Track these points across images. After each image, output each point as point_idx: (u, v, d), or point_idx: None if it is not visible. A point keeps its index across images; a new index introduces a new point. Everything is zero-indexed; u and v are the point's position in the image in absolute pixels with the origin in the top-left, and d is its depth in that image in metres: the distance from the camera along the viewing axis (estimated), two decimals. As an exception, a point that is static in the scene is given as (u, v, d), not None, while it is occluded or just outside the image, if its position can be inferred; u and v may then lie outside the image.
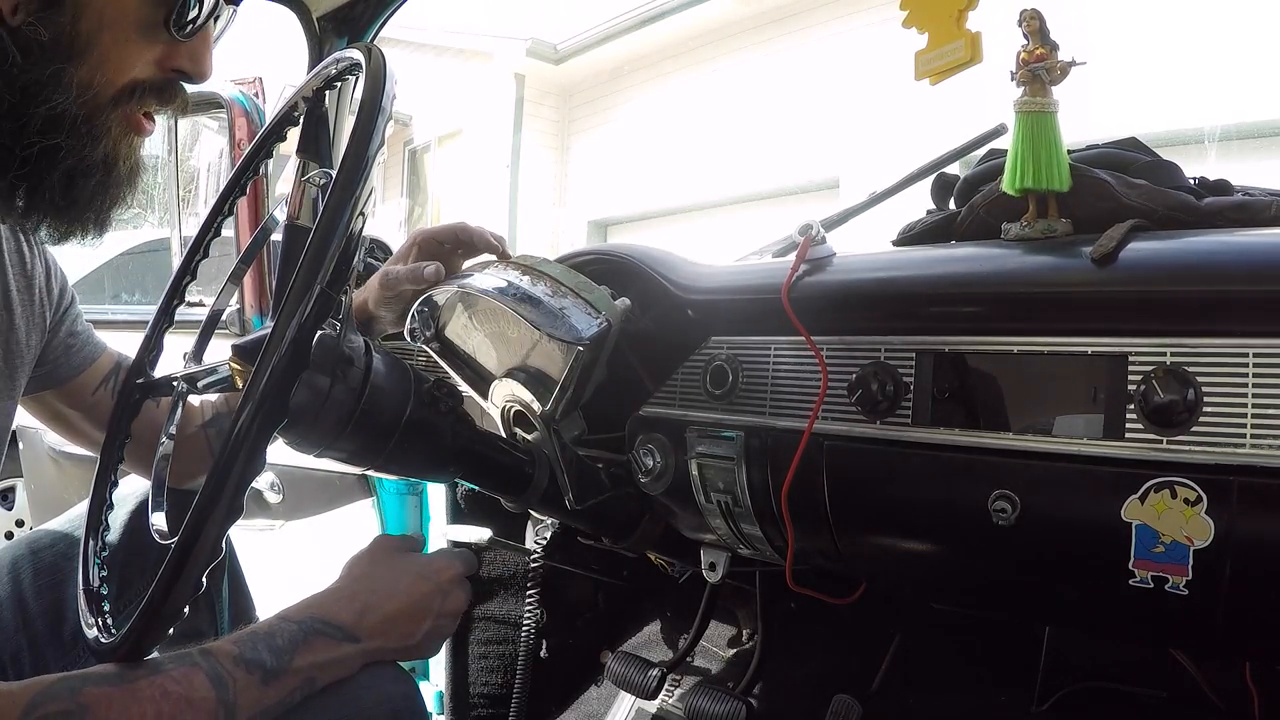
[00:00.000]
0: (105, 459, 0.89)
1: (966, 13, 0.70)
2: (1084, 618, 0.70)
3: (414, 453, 0.78)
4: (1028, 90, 0.70)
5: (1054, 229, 0.71)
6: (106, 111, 0.74)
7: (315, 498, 1.71)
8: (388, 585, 0.81)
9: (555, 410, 0.84)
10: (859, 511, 0.74)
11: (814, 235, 0.78)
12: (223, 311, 0.98)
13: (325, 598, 0.80)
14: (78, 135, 0.72)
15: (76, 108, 0.71)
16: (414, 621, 0.81)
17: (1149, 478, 0.57)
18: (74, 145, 0.73)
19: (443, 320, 0.95)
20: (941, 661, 1.11)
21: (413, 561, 0.86)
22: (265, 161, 0.92)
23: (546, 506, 0.91)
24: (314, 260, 0.60)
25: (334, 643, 0.75)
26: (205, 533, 0.59)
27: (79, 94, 0.71)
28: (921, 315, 0.71)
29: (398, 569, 0.84)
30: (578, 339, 0.78)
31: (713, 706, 0.94)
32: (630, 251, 0.93)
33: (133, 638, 0.64)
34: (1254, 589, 0.56)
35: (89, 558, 0.80)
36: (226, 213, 0.94)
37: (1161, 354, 0.58)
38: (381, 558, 0.85)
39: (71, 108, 0.71)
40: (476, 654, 1.41)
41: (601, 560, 1.29)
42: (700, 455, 0.81)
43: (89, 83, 0.71)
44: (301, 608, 0.77)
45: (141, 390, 0.92)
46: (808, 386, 0.74)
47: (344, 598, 0.80)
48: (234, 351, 0.80)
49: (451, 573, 0.86)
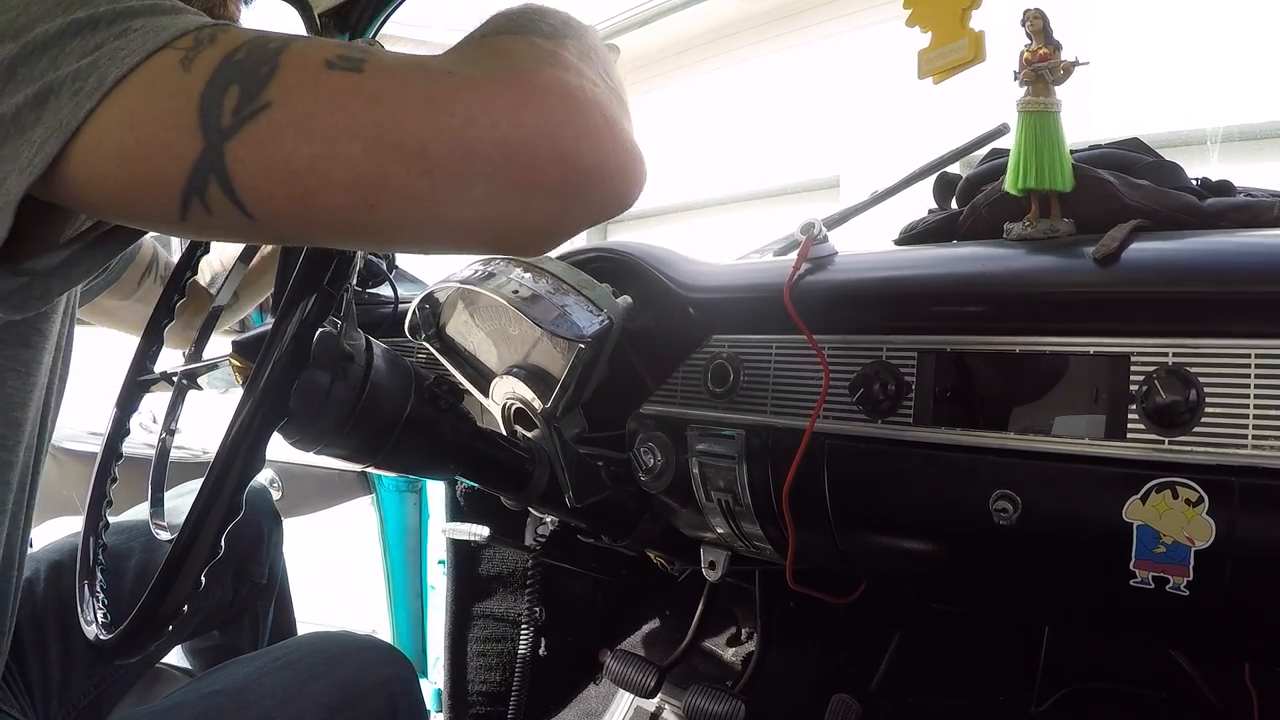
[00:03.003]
0: (105, 458, 0.89)
1: (970, 12, 0.69)
2: (1084, 618, 0.70)
3: (414, 450, 0.78)
4: (1031, 90, 0.70)
5: (1056, 229, 0.71)
6: (216, 5, 0.75)
7: (315, 494, 1.70)
8: None
9: (556, 408, 0.84)
10: (860, 511, 0.74)
11: (816, 234, 0.78)
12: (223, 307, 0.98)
13: None
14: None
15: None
16: None
17: (1150, 478, 0.57)
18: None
19: (444, 317, 0.95)
20: (941, 661, 1.11)
21: None
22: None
23: (546, 504, 0.91)
24: (315, 257, 0.60)
25: None
26: (204, 531, 0.59)
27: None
28: (923, 315, 0.71)
29: None
30: (579, 336, 0.78)
31: (711, 705, 0.94)
32: (632, 249, 0.93)
33: (131, 637, 0.64)
34: (1255, 590, 0.56)
35: (89, 556, 0.80)
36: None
37: (1163, 354, 0.58)
38: None
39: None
40: (475, 652, 1.41)
41: (601, 558, 1.29)
42: (701, 454, 0.81)
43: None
44: None
45: (141, 386, 0.92)
46: (809, 385, 0.74)
47: None
48: (234, 348, 0.80)
49: None
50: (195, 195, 0.43)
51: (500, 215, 0.45)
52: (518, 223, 0.46)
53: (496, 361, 0.92)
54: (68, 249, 0.56)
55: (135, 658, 0.66)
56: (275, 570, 1.25)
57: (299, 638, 0.92)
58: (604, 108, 0.46)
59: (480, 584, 1.42)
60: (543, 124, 0.44)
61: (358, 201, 0.43)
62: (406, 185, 0.43)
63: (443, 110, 0.42)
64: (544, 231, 0.47)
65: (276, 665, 0.81)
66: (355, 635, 0.90)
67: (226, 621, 1.20)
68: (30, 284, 0.54)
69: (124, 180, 0.44)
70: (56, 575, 1.00)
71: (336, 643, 0.87)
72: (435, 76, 0.44)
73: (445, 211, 0.44)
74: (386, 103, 0.42)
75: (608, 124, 0.46)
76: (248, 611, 1.20)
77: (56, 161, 0.44)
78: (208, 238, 0.76)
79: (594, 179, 0.45)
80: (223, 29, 0.46)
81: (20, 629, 0.94)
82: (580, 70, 0.47)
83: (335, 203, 0.43)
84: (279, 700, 0.76)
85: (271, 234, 0.47)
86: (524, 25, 0.50)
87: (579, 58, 0.49)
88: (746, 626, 1.28)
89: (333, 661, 0.83)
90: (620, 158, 0.46)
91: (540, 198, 0.45)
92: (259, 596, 1.21)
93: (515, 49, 0.47)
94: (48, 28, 0.44)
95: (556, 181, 0.44)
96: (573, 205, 0.46)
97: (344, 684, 0.79)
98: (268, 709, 0.75)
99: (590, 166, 0.45)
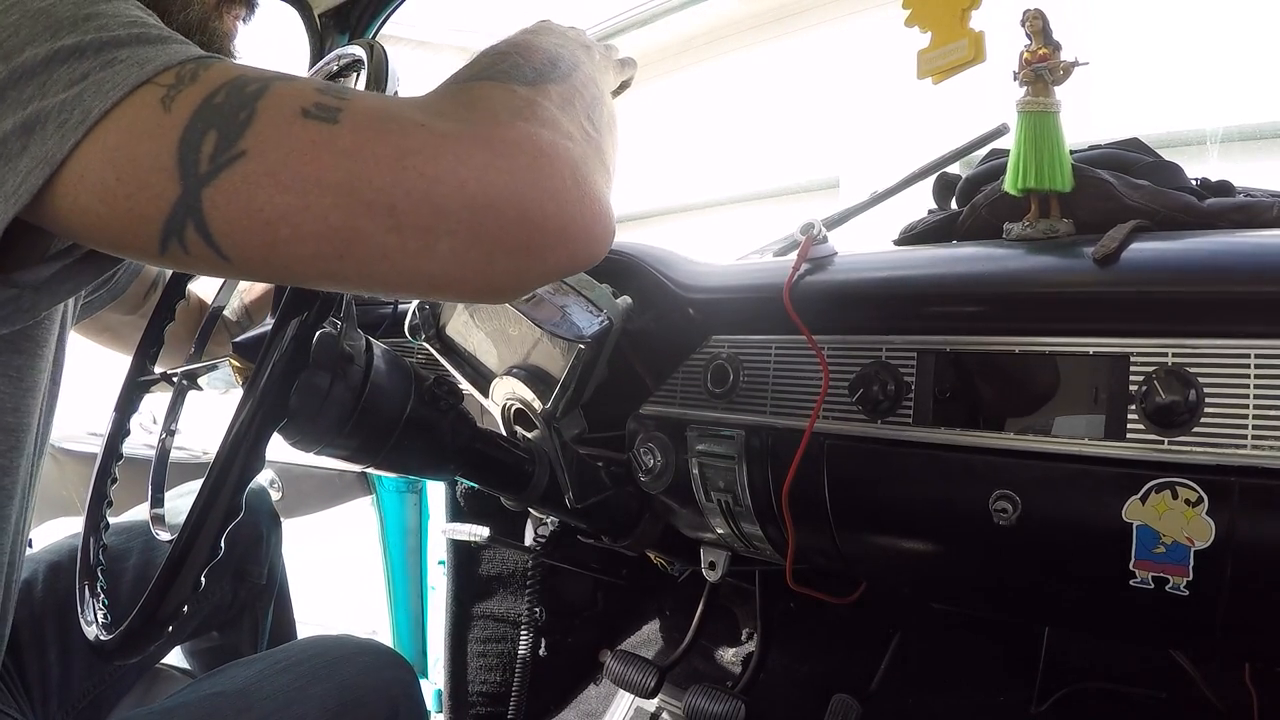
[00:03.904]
0: (105, 458, 0.89)
1: (969, 12, 0.69)
2: (1084, 618, 0.70)
3: (414, 450, 0.78)
4: (1030, 90, 0.70)
5: (1056, 229, 0.71)
6: (212, 17, 0.75)
7: (315, 495, 1.71)
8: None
9: (556, 408, 0.84)
10: (859, 511, 0.74)
11: (815, 234, 0.78)
12: (223, 308, 0.98)
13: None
14: (201, 39, 0.74)
15: (200, 12, 0.72)
16: None
17: (1150, 478, 0.57)
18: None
19: (443, 318, 0.95)
20: (941, 661, 1.11)
21: None
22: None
23: (546, 505, 0.91)
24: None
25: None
26: (205, 531, 0.59)
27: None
28: (923, 315, 0.71)
29: None
30: (579, 337, 0.78)
31: (711, 705, 0.94)
32: (631, 250, 0.93)
33: (132, 638, 0.64)
34: (1255, 590, 0.56)
35: (89, 557, 0.80)
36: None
37: (1163, 354, 0.58)
38: None
39: (196, 13, 0.72)
40: (475, 652, 1.41)
41: (601, 559, 1.29)
42: (701, 454, 0.81)
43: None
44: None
45: (141, 387, 0.92)
46: (809, 386, 0.74)
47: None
48: (234, 348, 0.80)
49: None
50: (174, 236, 0.44)
51: (465, 270, 0.46)
52: (482, 277, 0.47)
53: (496, 362, 0.92)
54: (56, 263, 0.57)
55: (136, 658, 0.66)
56: (274, 571, 1.25)
57: (300, 640, 0.92)
58: (575, 166, 0.47)
59: (480, 584, 1.43)
60: (510, 184, 0.45)
61: (328, 251, 0.44)
62: (375, 239, 0.44)
63: (412, 169, 0.44)
64: (509, 287, 0.49)
65: (277, 668, 0.81)
66: (356, 638, 0.90)
67: (226, 622, 1.20)
68: (19, 296, 0.55)
69: (105, 215, 0.45)
70: (54, 576, 1.00)
71: (338, 646, 0.87)
72: (408, 130, 0.45)
73: (412, 265, 0.45)
74: (358, 158, 0.44)
75: (576, 184, 0.47)
76: (247, 612, 1.21)
77: (41, 192, 0.45)
78: (187, 272, 0.77)
79: (558, 239, 0.47)
80: (204, 65, 0.47)
81: (19, 630, 0.94)
82: (556, 123, 0.48)
83: (306, 251, 0.44)
84: (279, 703, 0.76)
85: (247, 274, 0.48)
86: (506, 71, 0.51)
87: (559, 106, 0.50)
88: (746, 627, 1.28)
89: (334, 664, 0.83)
90: (586, 219, 0.48)
91: (504, 256, 0.46)
92: (258, 597, 1.21)
93: (494, 99, 0.48)
94: (36, 53, 0.45)
95: (521, 241, 0.46)
96: (536, 264, 0.47)
97: (345, 687, 0.79)
98: (268, 711, 0.75)
99: (555, 228, 0.46)
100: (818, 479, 0.73)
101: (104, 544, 0.82)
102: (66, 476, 2.20)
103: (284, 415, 0.60)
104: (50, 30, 0.46)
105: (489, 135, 0.45)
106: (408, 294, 0.50)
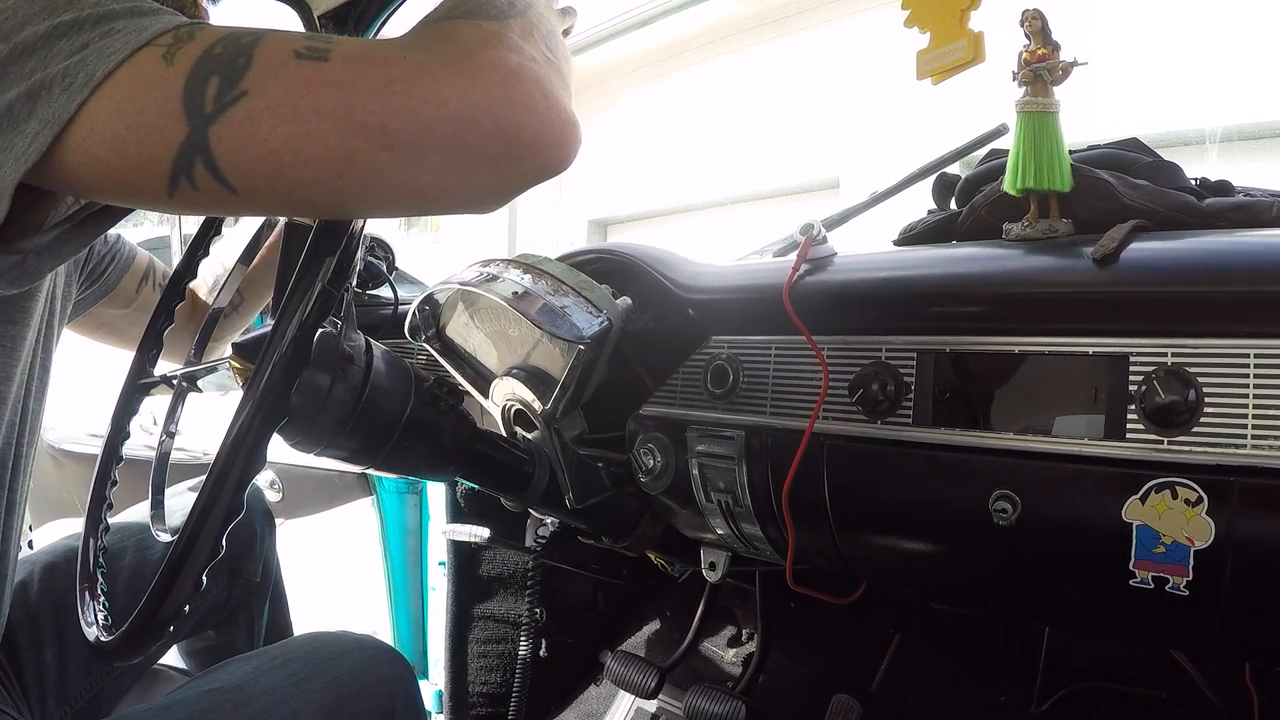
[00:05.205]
0: (105, 461, 0.89)
1: (969, 12, 0.70)
2: (1084, 618, 0.70)
3: (414, 451, 0.78)
4: (1029, 90, 0.70)
5: (1055, 229, 0.71)
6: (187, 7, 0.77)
7: (315, 496, 1.70)
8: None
9: (556, 409, 0.84)
10: (859, 511, 0.74)
11: (815, 235, 0.78)
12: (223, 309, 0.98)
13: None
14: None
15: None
16: None
17: (1150, 478, 0.57)
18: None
19: (444, 319, 0.95)
20: (941, 662, 1.11)
21: None
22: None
23: (546, 506, 0.91)
24: (315, 258, 0.60)
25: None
26: (206, 531, 0.59)
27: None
28: (922, 315, 0.71)
29: None
30: (579, 338, 0.78)
31: (712, 706, 0.94)
32: (631, 250, 0.93)
33: (133, 638, 0.64)
34: (1254, 590, 0.56)
35: (89, 557, 0.80)
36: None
37: (1163, 354, 0.58)
38: None
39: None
40: (476, 653, 1.41)
41: (601, 560, 1.29)
42: (701, 455, 0.81)
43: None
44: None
45: (141, 390, 0.92)
46: (808, 386, 0.74)
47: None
48: (234, 349, 0.80)
49: None
50: (183, 174, 0.48)
51: (452, 181, 0.51)
52: (468, 186, 0.52)
53: (496, 363, 0.92)
54: (57, 229, 0.61)
55: (137, 658, 0.66)
56: (269, 569, 1.25)
57: (297, 637, 0.92)
58: (542, 84, 0.53)
59: (481, 585, 1.43)
60: (487, 101, 0.50)
61: (328, 173, 0.48)
62: (370, 158, 0.48)
63: (399, 92, 0.48)
64: (491, 192, 0.54)
65: (275, 664, 0.81)
66: (353, 634, 0.90)
67: (222, 621, 1.20)
68: (24, 260, 0.58)
69: (115, 163, 0.48)
70: (51, 577, 1.00)
71: (335, 642, 0.87)
72: (392, 61, 0.49)
73: (405, 179, 0.50)
74: (350, 87, 0.48)
75: (545, 98, 0.53)
76: (243, 610, 1.21)
77: (51, 149, 0.47)
78: (191, 213, 0.83)
79: (532, 146, 0.52)
80: (199, 27, 0.50)
81: (16, 630, 0.94)
82: (521, 49, 0.54)
83: (308, 175, 0.48)
84: (277, 699, 0.77)
85: (253, 205, 0.52)
86: (473, 9, 0.56)
87: (521, 37, 0.55)
88: (747, 627, 1.28)
89: (331, 660, 0.83)
90: (556, 128, 0.53)
91: (486, 164, 0.51)
92: (253, 595, 1.21)
93: (463, 32, 0.53)
94: (35, 29, 0.48)
95: (500, 150, 0.51)
96: (515, 169, 0.53)
97: (342, 682, 0.80)
98: (265, 707, 0.76)
99: (529, 136, 0.52)
100: (818, 479, 0.73)
101: (104, 546, 0.82)
102: (66, 478, 2.21)
103: (284, 416, 0.61)
104: (47, 9, 0.49)
105: (464, 62, 0.51)
106: (401, 210, 0.55)
